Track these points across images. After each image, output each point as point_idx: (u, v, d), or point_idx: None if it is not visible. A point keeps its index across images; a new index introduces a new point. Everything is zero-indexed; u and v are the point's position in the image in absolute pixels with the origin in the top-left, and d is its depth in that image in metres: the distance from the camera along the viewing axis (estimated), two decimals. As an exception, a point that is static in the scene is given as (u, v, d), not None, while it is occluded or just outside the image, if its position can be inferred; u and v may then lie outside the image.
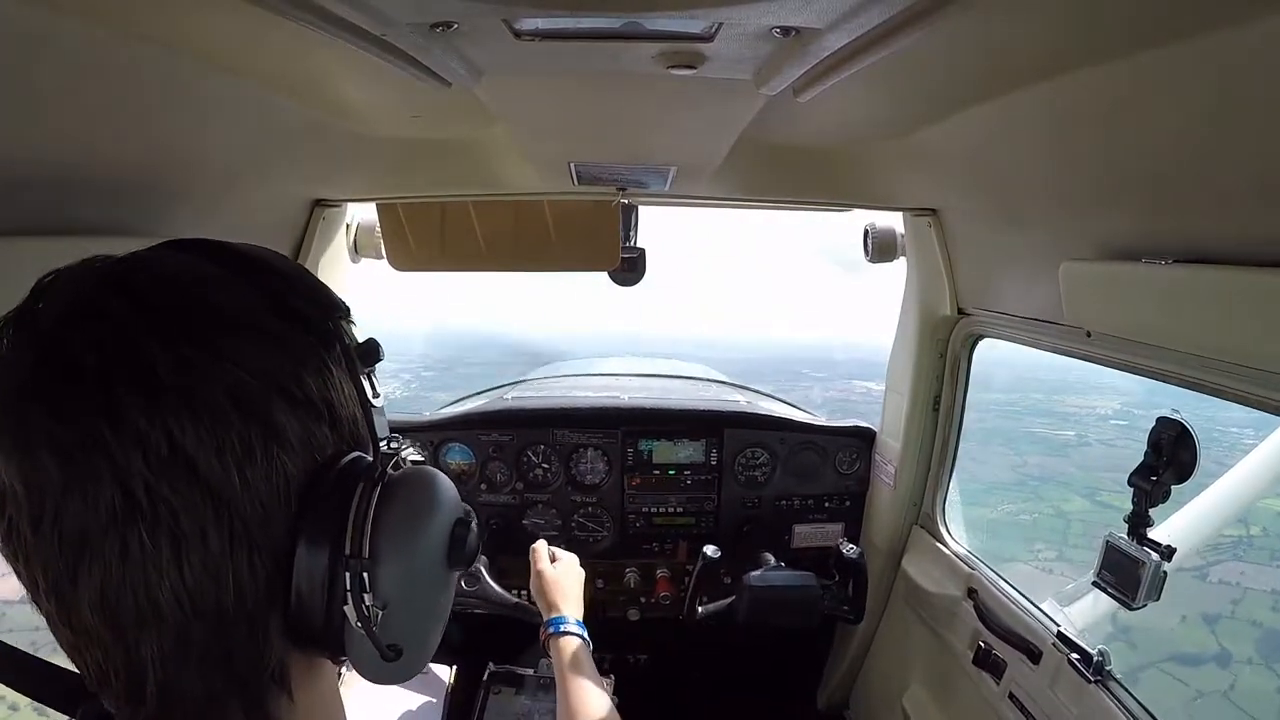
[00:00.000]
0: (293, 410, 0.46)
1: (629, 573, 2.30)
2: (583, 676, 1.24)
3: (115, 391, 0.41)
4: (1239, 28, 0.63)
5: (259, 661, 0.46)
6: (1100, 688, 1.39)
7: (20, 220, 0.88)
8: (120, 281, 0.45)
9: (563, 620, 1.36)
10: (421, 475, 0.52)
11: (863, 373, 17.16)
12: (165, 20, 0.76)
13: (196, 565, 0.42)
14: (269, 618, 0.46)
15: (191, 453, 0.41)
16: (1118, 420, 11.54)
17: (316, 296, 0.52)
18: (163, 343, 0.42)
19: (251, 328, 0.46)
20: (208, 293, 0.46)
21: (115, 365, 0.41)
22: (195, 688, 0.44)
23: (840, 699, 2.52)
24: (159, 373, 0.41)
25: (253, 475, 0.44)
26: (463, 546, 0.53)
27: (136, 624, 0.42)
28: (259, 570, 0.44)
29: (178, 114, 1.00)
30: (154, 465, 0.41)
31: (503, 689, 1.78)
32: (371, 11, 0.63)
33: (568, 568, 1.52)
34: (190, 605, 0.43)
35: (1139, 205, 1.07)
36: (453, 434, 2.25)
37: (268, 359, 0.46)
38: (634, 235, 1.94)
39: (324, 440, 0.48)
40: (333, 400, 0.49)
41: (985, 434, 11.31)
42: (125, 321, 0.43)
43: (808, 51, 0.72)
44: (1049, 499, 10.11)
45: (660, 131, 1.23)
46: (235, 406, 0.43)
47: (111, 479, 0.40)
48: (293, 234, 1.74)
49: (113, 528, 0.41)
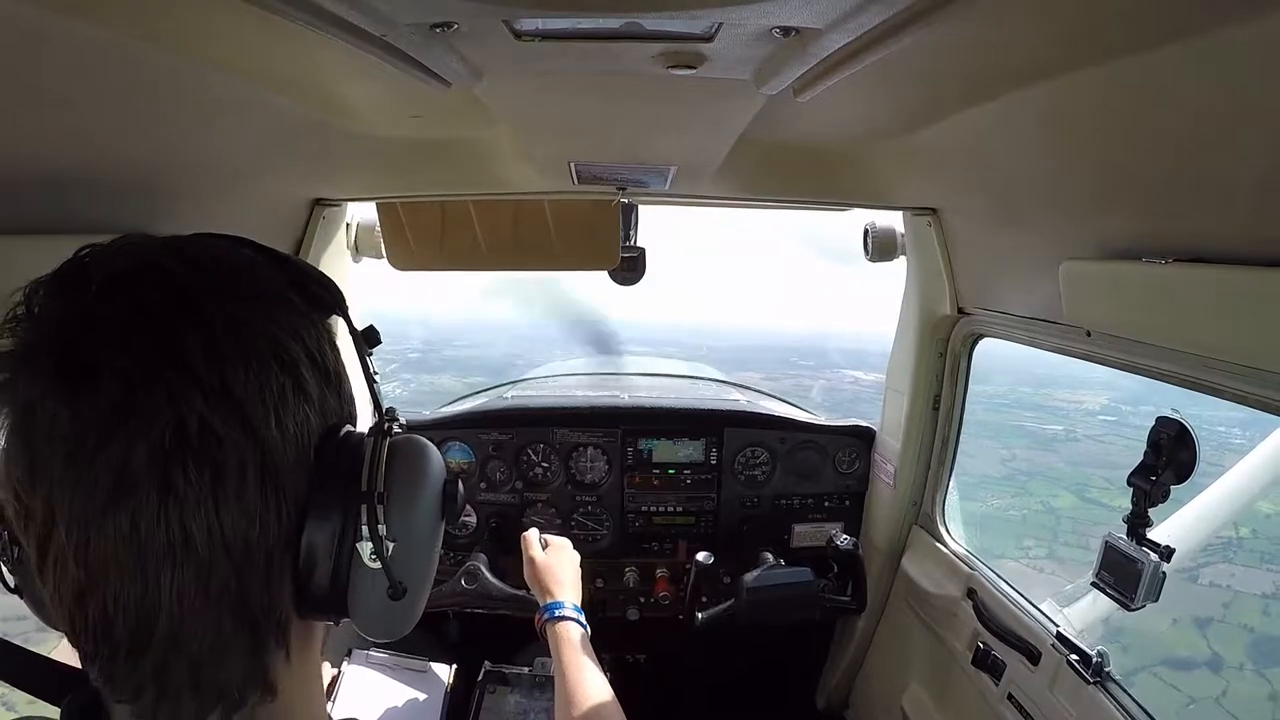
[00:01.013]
0: (316, 374, 0.51)
1: (628, 572, 2.30)
2: (580, 660, 1.21)
3: (179, 333, 0.44)
4: (1239, 28, 0.63)
5: (269, 605, 0.49)
6: (1099, 689, 1.39)
7: (20, 220, 0.88)
8: (177, 248, 0.49)
9: (558, 605, 1.33)
10: (418, 439, 0.58)
11: (852, 362, 17.07)
12: (166, 20, 0.76)
13: (233, 501, 0.45)
14: (284, 565, 0.49)
15: (241, 395, 0.45)
16: (1105, 416, 11.43)
17: (326, 284, 0.57)
18: (217, 299, 0.47)
19: (284, 299, 0.52)
20: (249, 266, 0.52)
21: (179, 311, 0.45)
22: (207, 627, 0.46)
23: (839, 699, 2.52)
24: (213, 321, 0.46)
25: (288, 421, 0.48)
26: (454, 501, 0.58)
27: (163, 555, 0.44)
28: (284, 515, 0.48)
29: (178, 114, 1.00)
30: (211, 401, 0.44)
31: (498, 688, 1.79)
32: (371, 12, 0.63)
33: (561, 553, 1.49)
34: (221, 540, 0.45)
35: (1139, 205, 1.07)
36: (452, 433, 2.25)
37: (299, 325, 0.51)
38: (634, 235, 1.94)
39: (334, 407, 0.54)
40: (342, 373, 0.55)
41: (976, 426, 11.25)
42: (184, 277, 0.47)
43: (808, 51, 0.72)
44: (1038, 494, 10.06)
45: (660, 131, 1.23)
46: (275, 357, 0.48)
47: (170, 412, 0.43)
48: (293, 233, 1.74)
49: (157, 461, 0.43)
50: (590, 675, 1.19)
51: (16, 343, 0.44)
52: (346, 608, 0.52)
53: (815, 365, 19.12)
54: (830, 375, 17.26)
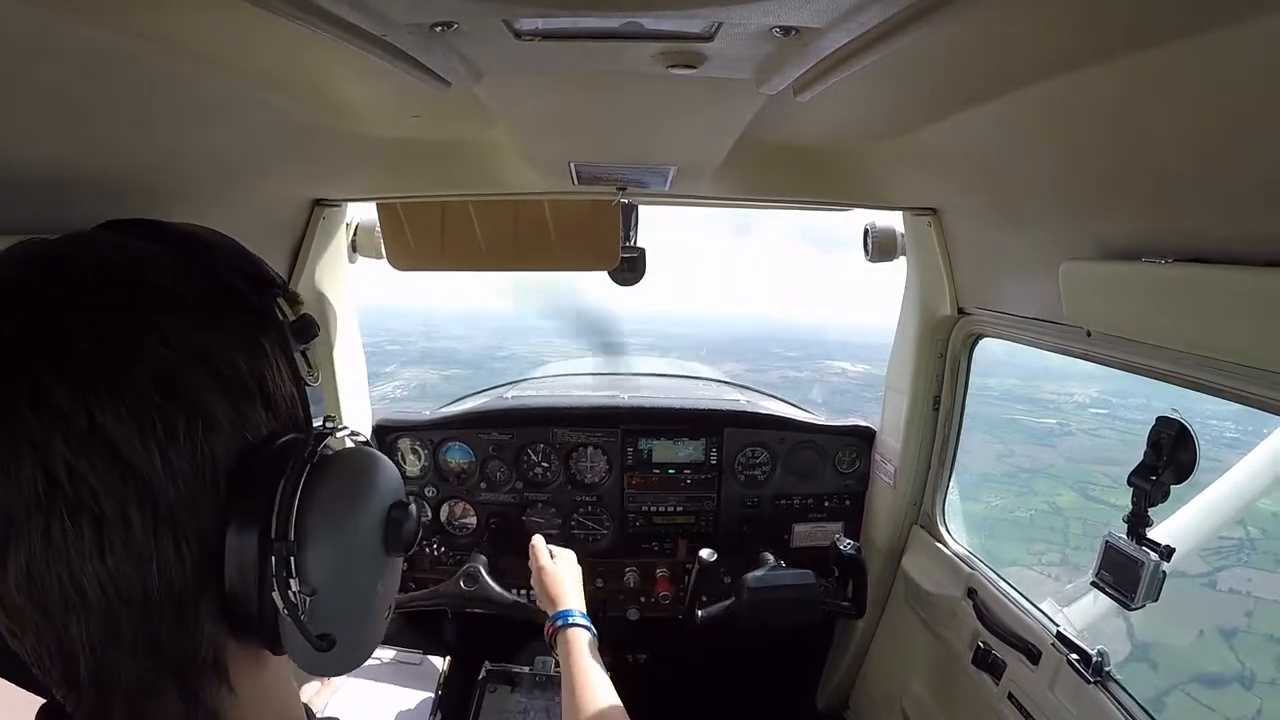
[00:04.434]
0: (221, 390, 0.45)
1: (628, 572, 2.30)
2: (590, 667, 1.23)
3: (36, 370, 0.40)
4: (1239, 28, 0.63)
5: (190, 650, 0.45)
6: (1099, 688, 1.39)
7: (20, 220, 0.88)
8: (47, 261, 0.44)
9: (569, 613, 1.36)
10: (356, 455, 0.52)
11: (837, 353, 16.73)
12: (165, 20, 0.76)
13: (119, 550, 0.41)
14: (199, 604, 0.45)
15: (113, 434, 0.41)
16: (1097, 409, 11.20)
17: (253, 274, 0.51)
18: (86, 321, 0.42)
19: (182, 305, 0.45)
20: (139, 270, 0.45)
21: (37, 343, 0.41)
22: (128, 674, 0.44)
23: (840, 699, 2.52)
24: (80, 351, 0.41)
25: (176, 457, 0.43)
26: (399, 530, 0.51)
27: (63, 607, 0.42)
28: (185, 555, 0.43)
29: (178, 114, 1.00)
30: (74, 446, 0.40)
31: (499, 687, 1.79)
32: (371, 12, 0.63)
33: (567, 562, 1.52)
34: (115, 590, 0.42)
35: (1139, 205, 1.07)
36: (452, 433, 2.25)
37: (197, 337, 0.45)
38: (634, 235, 1.94)
39: (257, 421, 0.47)
40: (266, 380, 0.49)
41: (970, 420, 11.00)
42: (48, 299, 0.42)
43: (808, 51, 0.72)
44: (1041, 493, 9.66)
45: (660, 131, 1.23)
46: (158, 387, 0.42)
47: (33, 458, 0.40)
48: (293, 234, 1.75)
49: (36, 509, 0.40)
50: (599, 681, 1.21)
51: None
52: (281, 647, 0.48)
53: (799, 356, 18.87)
54: (816, 367, 16.99)
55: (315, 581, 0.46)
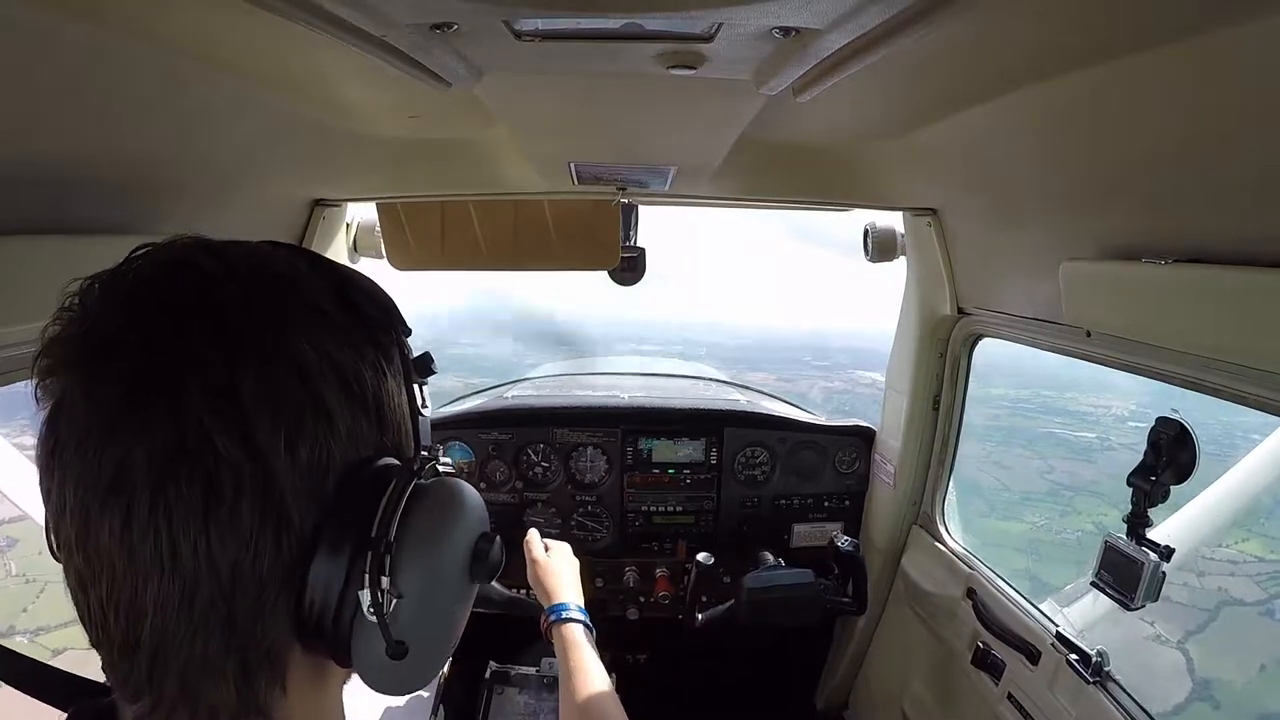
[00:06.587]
0: (347, 400, 0.47)
1: (628, 572, 2.30)
2: (586, 662, 1.23)
3: (194, 336, 0.43)
4: (1239, 28, 0.63)
5: (259, 637, 0.46)
6: (1099, 688, 1.39)
7: (20, 220, 0.88)
8: (217, 249, 0.47)
9: (564, 607, 1.35)
10: (455, 484, 0.54)
11: (867, 361, 16.34)
12: (165, 20, 0.76)
13: (226, 523, 0.43)
14: (279, 598, 0.46)
15: (251, 412, 0.42)
16: (1135, 423, 10.74)
17: (386, 308, 0.54)
18: (245, 305, 0.45)
19: (323, 316, 0.48)
20: (290, 276, 0.49)
21: (200, 313, 0.43)
22: (190, 644, 0.44)
23: (839, 699, 2.52)
24: (238, 329, 0.43)
25: (301, 451, 0.44)
26: (484, 560, 0.53)
27: (150, 562, 0.42)
28: (284, 548, 0.45)
29: (178, 114, 1.00)
30: (213, 414, 0.42)
31: (505, 688, 1.79)
32: (371, 12, 0.63)
33: (563, 556, 1.51)
34: (209, 559, 0.43)
35: (1139, 205, 1.07)
36: (452, 432, 2.25)
37: (333, 346, 0.47)
38: (634, 235, 1.94)
39: (369, 437, 0.49)
40: (383, 401, 0.51)
41: (1006, 433, 10.27)
42: (217, 278, 0.45)
43: (807, 51, 0.72)
44: (1086, 512, 9.10)
45: (660, 131, 1.23)
46: (300, 380, 0.44)
47: (169, 415, 0.41)
48: (293, 234, 1.75)
49: (159, 461, 0.41)
50: (595, 676, 1.20)
51: (59, 331, 0.44)
52: (349, 656, 0.48)
53: (829, 366, 18.56)
54: (847, 377, 16.71)
55: (404, 588, 0.47)
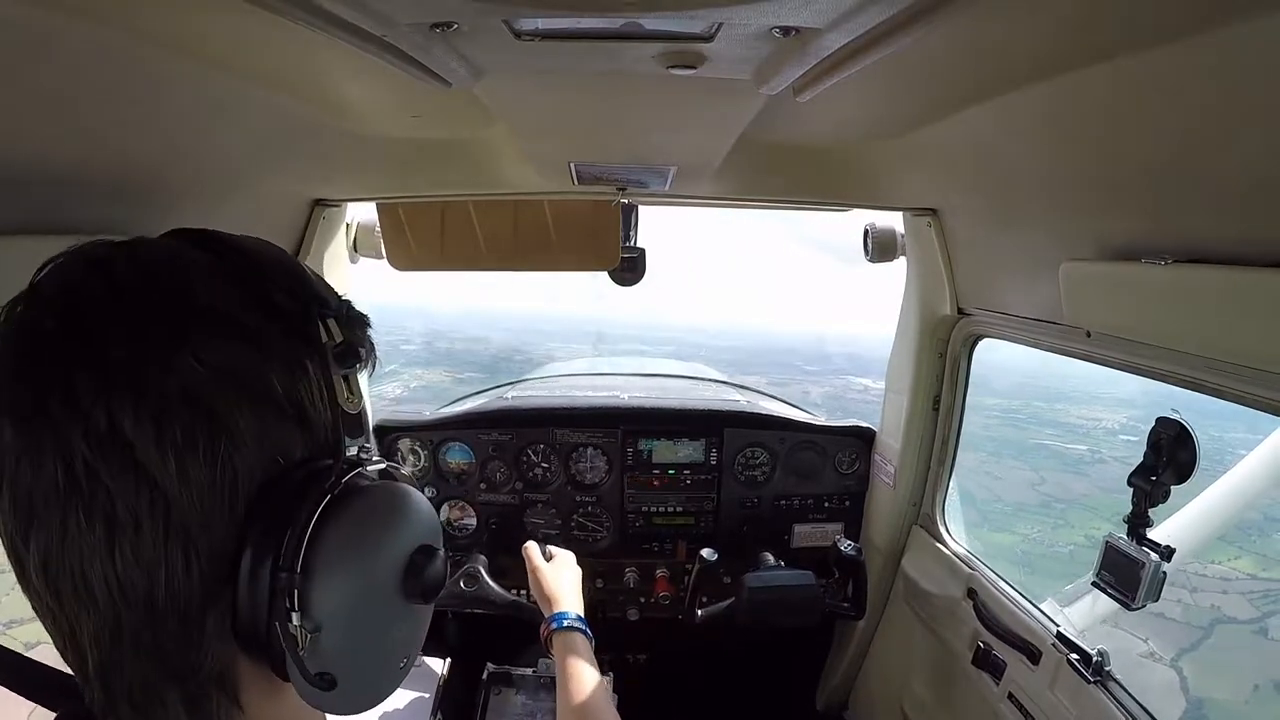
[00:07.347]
0: (253, 408, 0.45)
1: (628, 572, 2.30)
2: (583, 670, 1.23)
3: (70, 366, 0.41)
4: (1239, 28, 0.63)
5: (196, 662, 0.45)
6: (1099, 688, 1.39)
7: (20, 220, 0.88)
8: (100, 263, 0.45)
9: (564, 616, 1.36)
10: (386, 491, 0.50)
11: (858, 368, 16.38)
12: (166, 20, 0.76)
13: (128, 554, 0.42)
14: (205, 619, 0.44)
15: (130, 437, 0.41)
16: (1127, 435, 10.61)
17: (304, 294, 0.50)
18: (127, 328, 0.43)
19: (224, 321, 0.45)
20: (185, 284, 0.46)
21: (76, 342, 0.42)
22: (131, 675, 0.44)
23: (839, 699, 2.52)
24: (113, 355, 0.42)
25: (193, 468, 0.42)
26: (420, 576, 0.49)
27: (74, 599, 0.43)
28: (194, 569, 0.43)
29: (178, 114, 1.00)
30: (92, 444, 0.41)
31: (503, 689, 1.79)
32: (371, 11, 0.63)
33: (565, 564, 1.52)
34: (120, 592, 0.42)
35: (1139, 205, 1.07)
36: (452, 433, 2.25)
37: (233, 354, 0.45)
38: (634, 235, 1.94)
39: (290, 441, 0.47)
40: (303, 400, 0.48)
41: (998, 443, 10.26)
42: (93, 301, 0.43)
43: (808, 51, 0.72)
44: (1078, 525, 9.08)
45: (660, 131, 1.23)
46: (184, 398, 0.42)
47: (54, 452, 0.41)
48: (293, 234, 1.75)
49: (54, 500, 0.41)
50: (590, 685, 1.20)
51: None
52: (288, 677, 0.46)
53: (820, 371, 18.59)
54: (839, 383, 16.72)
55: (319, 617, 0.44)
